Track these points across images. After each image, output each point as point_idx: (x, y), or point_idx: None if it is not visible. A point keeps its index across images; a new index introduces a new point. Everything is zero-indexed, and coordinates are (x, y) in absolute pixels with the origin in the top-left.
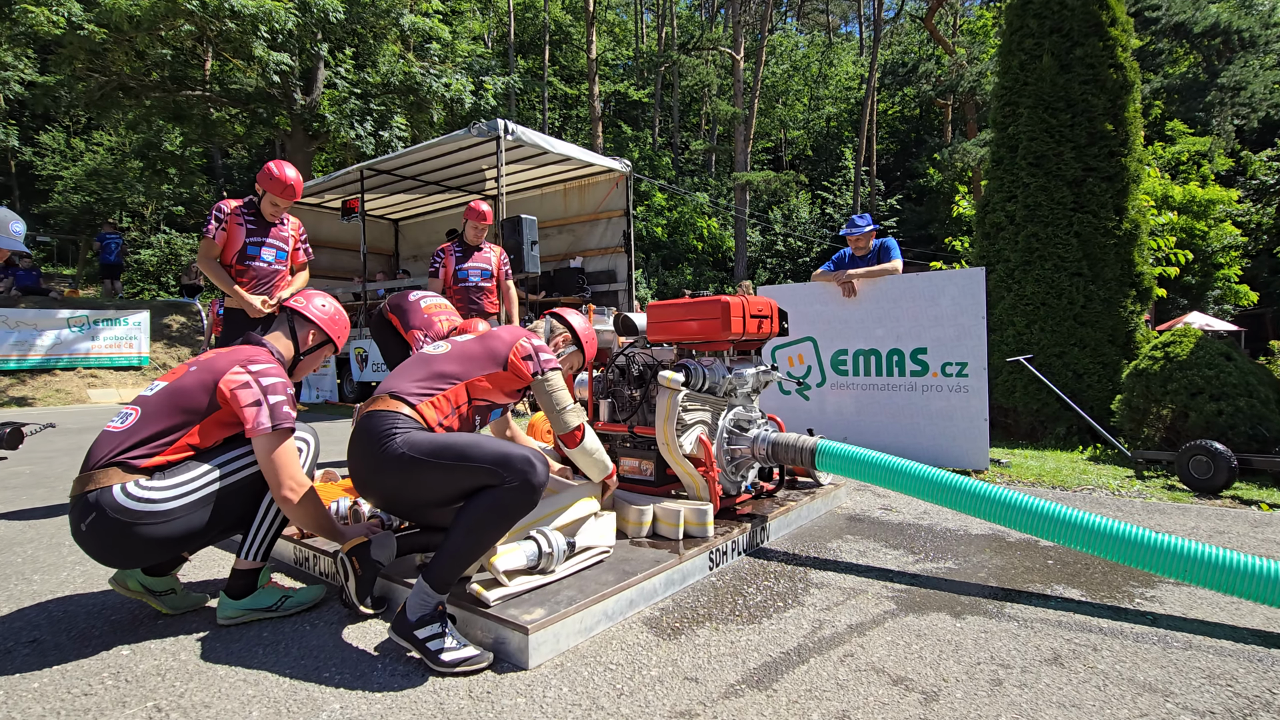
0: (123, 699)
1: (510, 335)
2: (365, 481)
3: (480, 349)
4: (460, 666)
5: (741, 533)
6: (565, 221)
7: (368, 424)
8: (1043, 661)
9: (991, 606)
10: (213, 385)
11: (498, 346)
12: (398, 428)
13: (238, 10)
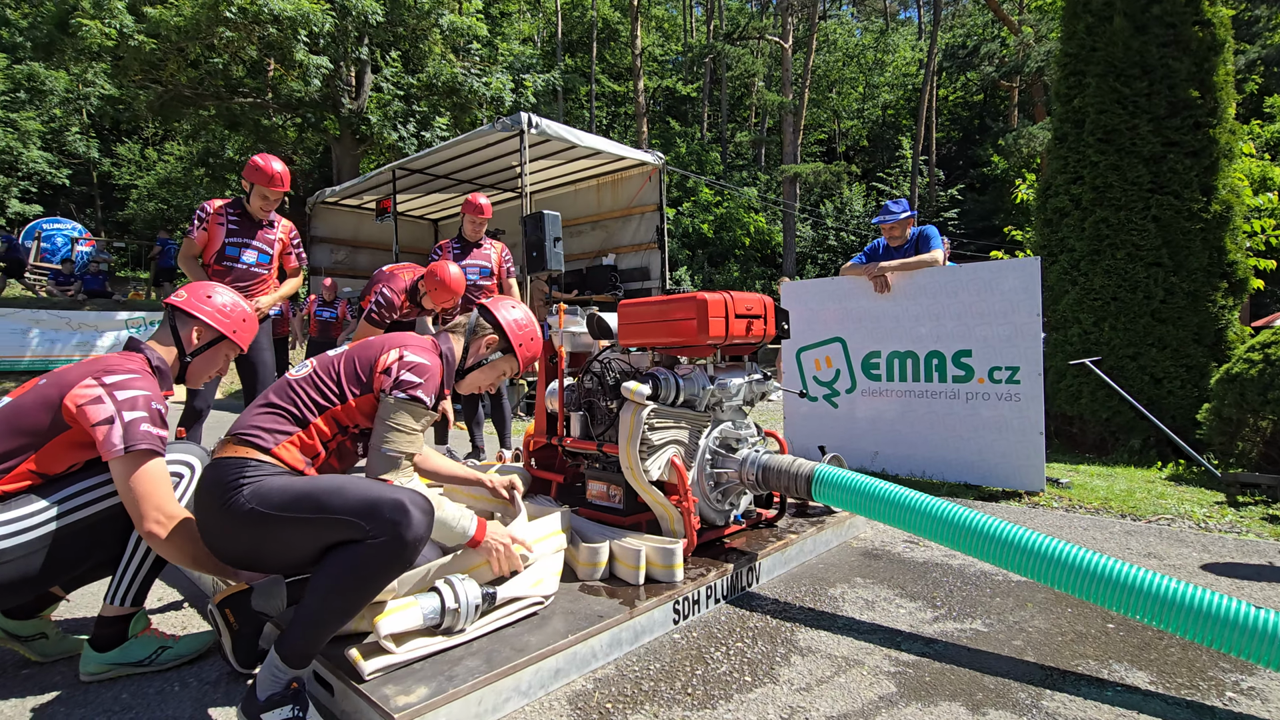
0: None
1: (384, 344)
2: (215, 544)
3: (345, 368)
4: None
5: (721, 575)
6: (598, 217)
7: (210, 476)
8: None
9: (1024, 695)
10: (57, 401)
11: (364, 360)
12: (244, 477)
13: (277, 14)
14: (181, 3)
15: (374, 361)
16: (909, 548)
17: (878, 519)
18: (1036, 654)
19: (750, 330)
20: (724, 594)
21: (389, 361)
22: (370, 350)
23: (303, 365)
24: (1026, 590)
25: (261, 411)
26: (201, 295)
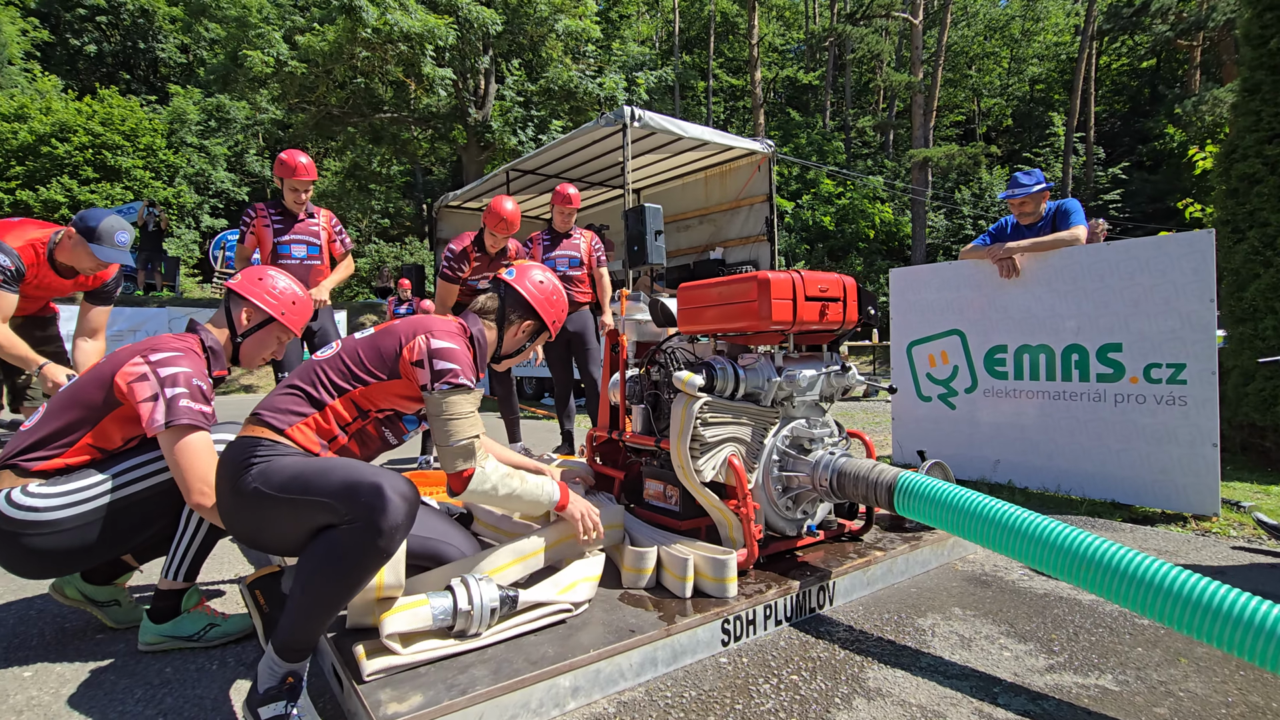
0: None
1: (408, 330)
2: (229, 524)
3: (369, 351)
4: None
5: (784, 593)
6: (706, 211)
7: (226, 455)
8: None
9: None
10: (109, 379)
11: (388, 346)
12: (256, 457)
13: (406, 32)
14: (326, 29)
15: (399, 347)
16: (1027, 576)
17: (974, 540)
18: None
19: (825, 315)
20: (787, 615)
21: (418, 351)
22: (393, 335)
23: (328, 347)
24: (1181, 643)
25: (282, 392)
26: (253, 278)
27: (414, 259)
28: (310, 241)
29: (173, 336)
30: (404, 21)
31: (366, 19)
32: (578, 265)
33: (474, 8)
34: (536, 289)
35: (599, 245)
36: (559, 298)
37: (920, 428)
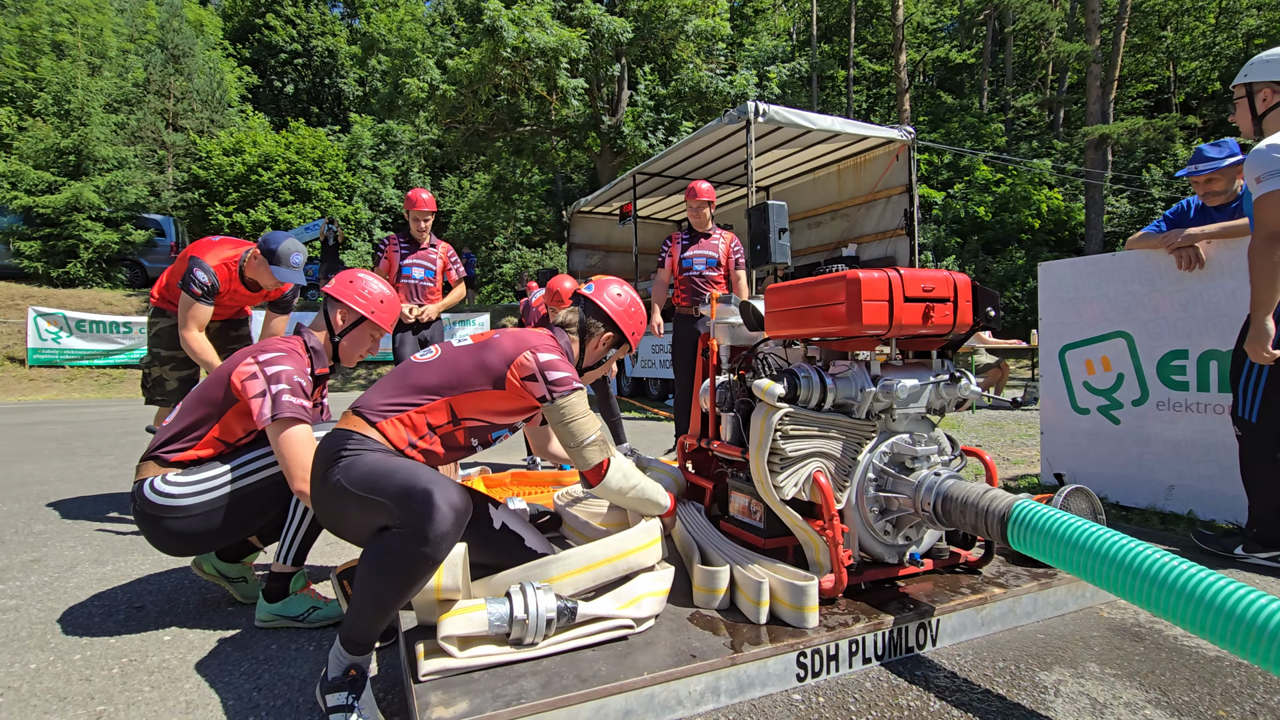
0: (90, 694)
1: (514, 344)
2: (316, 512)
3: (470, 359)
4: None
5: (874, 628)
6: (839, 206)
7: (321, 446)
8: None
9: None
10: (227, 378)
11: (493, 359)
12: (346, 450)
13: (542, 47)
14: (472, 52)
15: (505, 363)
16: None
17: (1102, 585)
18: None
19: (930, 317)
20: (877, 653)
21: (529, 367)
22: (496, 349)
23: (427, 350)
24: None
25: (380, 388)
26: (345, 281)
27: (553, 263)
28: (427, 266)
29: (280, 339)
30: (540, 38)
31: (507, 39)
32: (715, 266)
33: (605, 18)
34: (615, 301)
35: (738, 246)
36: (637, 309)
37: (1075, 445)
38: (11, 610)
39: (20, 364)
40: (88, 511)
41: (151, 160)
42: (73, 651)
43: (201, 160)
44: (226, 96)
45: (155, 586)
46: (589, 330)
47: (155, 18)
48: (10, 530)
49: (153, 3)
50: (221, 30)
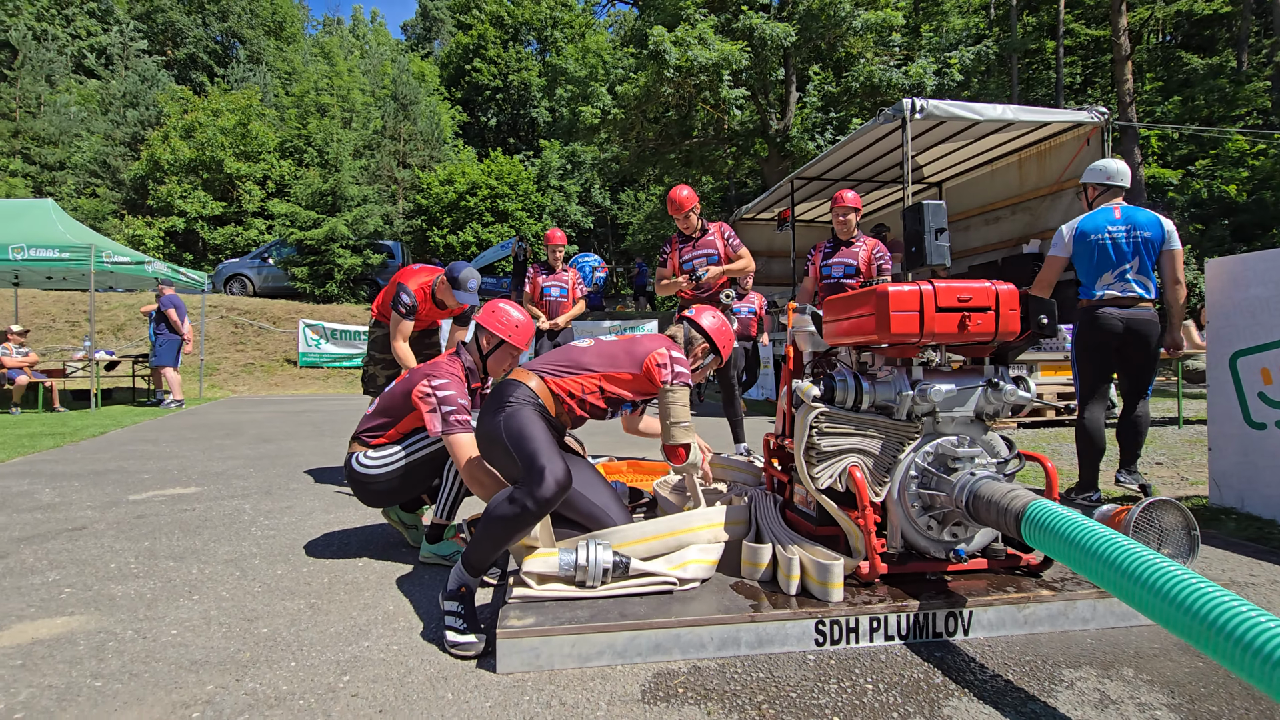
0: (309, 592)
1: (653, 343)
2: (479, 444)
3: (621, 350)
4: (453, 649)
5: (898, 609)
6: (1019, 199)
7: (495, 389)
8: None
9: None
10: (409, 393)
11: (638, 351)
12: (511, 399)
13: (704, 64)
14: (639, 76)
15: (648, 352)
16: None
17: (1104, 587)
18: None
19: (966, 326)
20: (901, 633)
21: (663, 358)
22: (644, 343)
23: (582, 339)
24: None
25: (547, 358)
26: (489, 311)
27: None
28: (561, 285)
29: (446, 361)
30: (702, 55)
31: (669, 60)
32: (854, 273)
33: (768, 26)
34: (711, 323)
35: (880, 253)
36: (727, 330)
37: (1248, 462)
38: (270, 539)
39: (293, 365)
40: (326, 477)
41: (386, 194)
42: (302, 565)
43: (423, 191)
44: (443, 134)
45: (359, 529)
46: (692, 341)
47: (390, 74)
48: (276, 486)
49: (388, 62)
50: (439, 78)
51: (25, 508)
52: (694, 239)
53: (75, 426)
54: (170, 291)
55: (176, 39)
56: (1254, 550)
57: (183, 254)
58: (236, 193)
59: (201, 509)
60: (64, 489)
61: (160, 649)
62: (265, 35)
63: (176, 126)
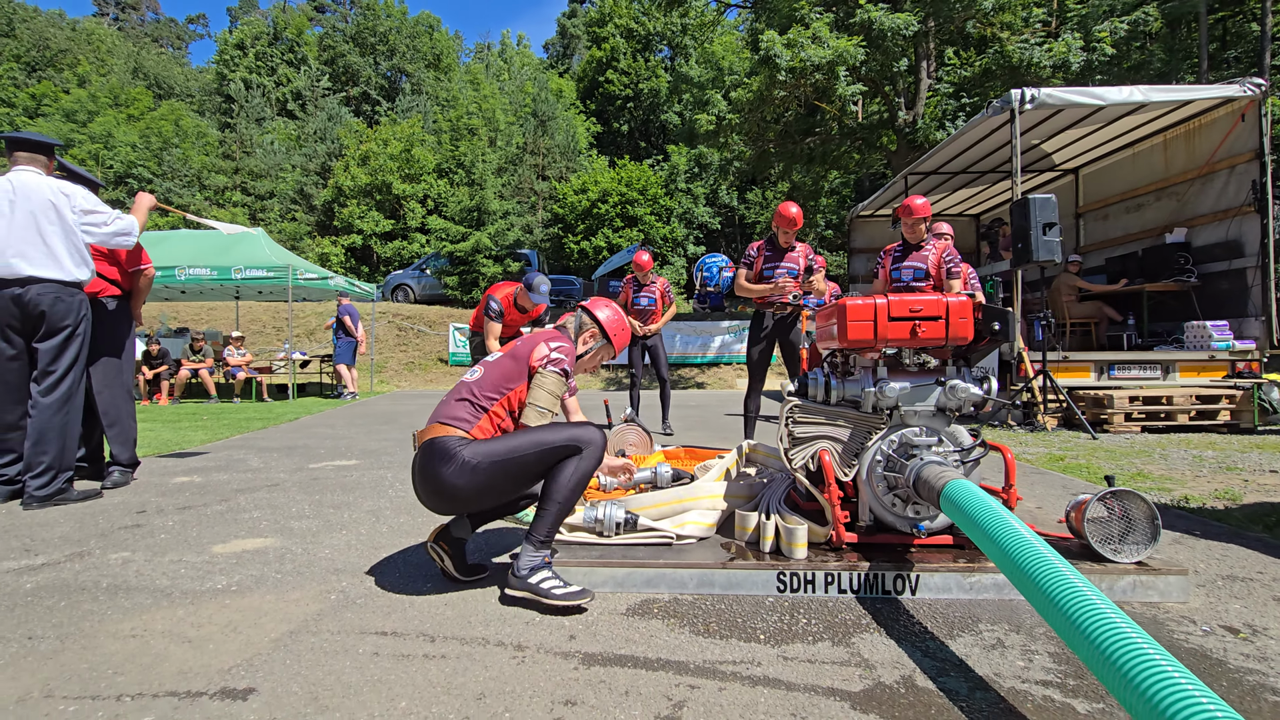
0: (416, 528)
1: (533, 342)
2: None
3: (510, 364)
4: (571, 600)
5: (849, 568)
6: (1165, 183)
7: (431, 449)
8: None
9: None
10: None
11: (524, 351)
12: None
13: (818, 63)
14: (751, 82)
15: (531, 351)
16: (1206, 632)
17: (990, 558)
18: None
19: (917, 334)
20: (853, 588)
21: (541, 351)
22: (527, 345)
23: (474, 370)
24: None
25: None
26: (604, 304)
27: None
28: (650, 296)
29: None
30: (815, 55)
31: (781, 63)
32: (924, 276)
33: (887, 17)
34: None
35: (950, 256)
36: (622, 322)
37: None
38: (400, 498)
39: (444, 363)
40: None
41: (526, 205)
42: (419, 516)
43: (559, 201)
44: (578, 145)
45: None
46: (582, 327)
47: (530, 92)
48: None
49: (529, 82)
50: (575, 91)
51: (241, 470)
52: (786, 250)
53: (277, 413)
54: (346, 301)
55: (353, 78)
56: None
57: (360, 267)
58: (402, 211)
59: (357, 475)
60: (266, 458)
61: (316, 560)
62: (426, 68)
63: (354, 156)
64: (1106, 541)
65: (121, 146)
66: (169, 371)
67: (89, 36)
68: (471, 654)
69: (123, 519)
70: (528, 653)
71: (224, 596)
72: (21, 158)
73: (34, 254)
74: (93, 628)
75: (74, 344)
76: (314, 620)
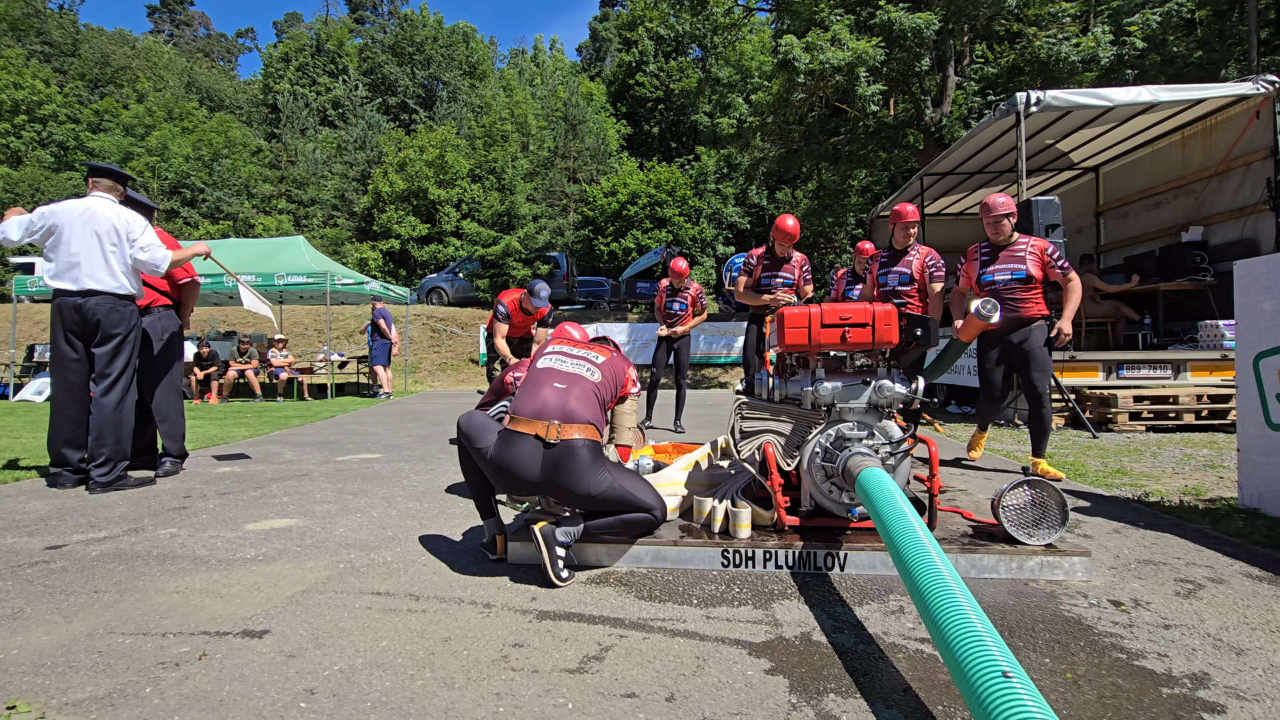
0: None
1: (625, 365)
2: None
3: (613, 375)
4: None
5: (785, 546)
6: (1183, 181)
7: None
8: None
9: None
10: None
11: (621, 372)
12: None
13: (837, 65)
14: (772, 84)
15: (625, 371)
16: (1094, 609)
17: (883, 538)
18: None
19: (847, 339)
20: (789, 564)
21: (634, 374)
22: (619, 363)
23: (576, 364)
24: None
25: (576, 405)
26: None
27: None
28: (682, 301)
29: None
30: (834, 57)
31: (799, 67)
32: (909, 282)
33: (905, 18)
34: None
35: (933, 261)
36: None
37: (1270, 464)
38: (414, 487)
39: (475, 363)
40: None
41: (558, 208)
42: (427, 503)
43: (589, 203)
44: (608, 148)
45: None
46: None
47: (561, 97)
48: (430, 455)
49: (561, 88)
50: (605, 95)
51: (276, 462)
52: (783, 260)
53: (315, 411)
54: (381, 305)
55: (391, 88)
56: (1230, 547)
57: (398, 270)
58: (437, 215)
59: (377, 467)
60: (299, 451)
61: (331, 537)
62: (461, 75)
63: (392, 163)
64: (1021, 526)
65: (176, 158)
66: (218, 372)
67: (147, 53)
68: (447, 609)
69: (171, 502)
70: (493, 610)
71: (251, 564)
72: (102, 185)
73: (95, 270)
74: (144, 585)
75: (125, 350)
76: (323, 583)
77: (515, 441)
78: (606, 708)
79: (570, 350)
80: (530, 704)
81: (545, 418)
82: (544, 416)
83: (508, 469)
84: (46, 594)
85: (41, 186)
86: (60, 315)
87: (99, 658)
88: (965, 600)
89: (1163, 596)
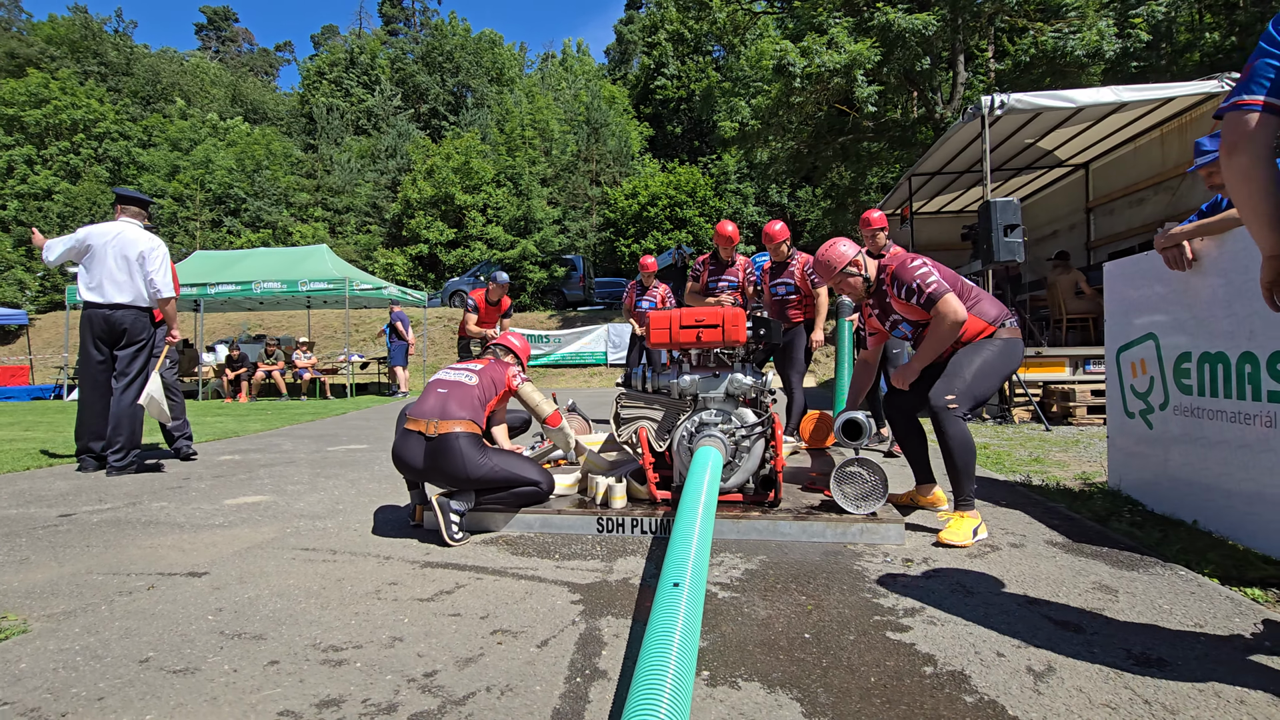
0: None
1: (501, 369)
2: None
3: (491, 380)
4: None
5: (649, 514)
6: (1160, 178)
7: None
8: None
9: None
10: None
11: (499, 377)
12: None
13: (834, 68)
14: (770, 88)
15: (504, 373)
16: (887, 562)
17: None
18: None
19: (701, 338)
20: (653, 530)
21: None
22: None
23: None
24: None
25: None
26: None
27: None
28: (651, 299)
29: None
30: (830, 60)
31: (795, 71)
32: (794, 291)
33: (903, 19)
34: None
35: (810, 268)
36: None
37: (1126, 449)
38: (381, 471)
39: None
40: None
41: (580, 211)
42: (385, 484)
43: (611, 205)
44: (630, 150)
45: None
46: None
47: (584, 101)
48: None
49: (584, 91)
50: (628, 97)
51: (272, 450)
52: (727, 264)
53: (330, 408)
54: (399, 309)
55: (422, 96)
56: (1059, 520)
57: (427, 274)
58: (464, 220)
59: (359, 456)
60: (296, 442)
61: (294, 510)
62: (489, 83)
63: (421, 169)
64: (849, 499)
65: (219, 170)
66: (248, 373)
67: (195, 70)
68: (354, 561)
69: (171, 482)
70: (390, 561)
71: (217, 529)
72: (129, 210)
73: (123, 286)
74: (126, 543)
75: (143, 354)
76: (266, 543)
77: (407, 437)
78: (432, 620)
79: (456, 365)
80: (378, 619)
81: (427, 417)
82: (426, 416)
83: (401, 458)
84: (49, 547)
85: (98, 200)
86: (90, 324)
87: (75, 588)
88: (696, 544)
89: (954, 556)
